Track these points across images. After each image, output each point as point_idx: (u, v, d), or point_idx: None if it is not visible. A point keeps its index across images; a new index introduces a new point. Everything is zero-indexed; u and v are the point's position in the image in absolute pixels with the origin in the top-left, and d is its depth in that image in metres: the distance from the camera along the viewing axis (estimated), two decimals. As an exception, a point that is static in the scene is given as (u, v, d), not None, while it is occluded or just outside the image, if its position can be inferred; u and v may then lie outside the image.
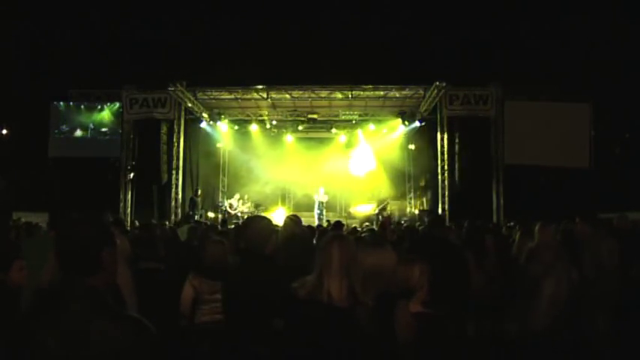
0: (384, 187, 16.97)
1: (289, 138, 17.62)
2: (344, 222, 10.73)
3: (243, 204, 16.58)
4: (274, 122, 16.94)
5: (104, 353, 1.52)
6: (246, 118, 16.97)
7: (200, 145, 17.11)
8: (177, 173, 14.80)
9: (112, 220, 7.14)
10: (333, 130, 17.29)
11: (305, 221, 7.16)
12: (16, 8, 15.86)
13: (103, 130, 15.19)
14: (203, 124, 16.15)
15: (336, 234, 2.83)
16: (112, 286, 1.77)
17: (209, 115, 16.06)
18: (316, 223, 13.93)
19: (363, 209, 16.12)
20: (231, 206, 16.57)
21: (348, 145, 17.65)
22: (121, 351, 1.53)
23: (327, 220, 13.79)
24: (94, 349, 1.52)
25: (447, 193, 14.23)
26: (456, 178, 14.83)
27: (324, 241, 2.61)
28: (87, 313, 1.56)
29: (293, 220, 4.91)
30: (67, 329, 1.53)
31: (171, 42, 16.64)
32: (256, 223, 3.27)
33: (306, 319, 2.41)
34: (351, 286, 2.44)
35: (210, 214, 16.68)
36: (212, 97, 15.41)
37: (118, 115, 14.96)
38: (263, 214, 14.33)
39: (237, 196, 16.82)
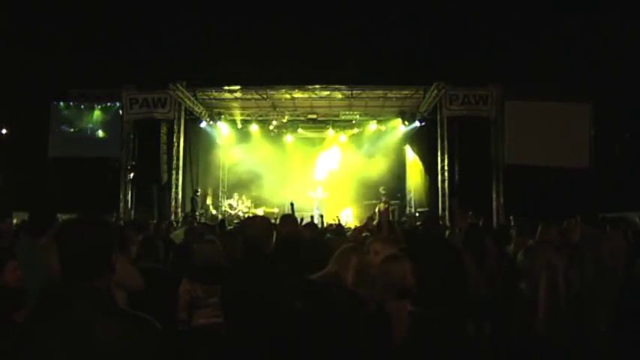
0: (383, 188, 16.95)
1: (289, 138, 17.61)
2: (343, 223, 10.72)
3: (242, 204, 16.58)
4: (274, 122, 16.94)
5: (110, 354, 1.52)
6: (246, 118, 16.97)
7: (200, 145, 17.10)
8: (177, 173, 14.78)
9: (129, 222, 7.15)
10: (333, 130, 17.30)
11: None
12: (16, 8, 15.86)
13: (103, 130, 15.16)
14: (203, 124, 16.14)
15: (353, 247, 2.98)
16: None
17: (209, 115, 16.05)
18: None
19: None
20: (231, 207, 16.57)
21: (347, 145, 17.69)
22: (126, 350, 1.53)
23: (321, 215, 13.78)
24: (99, 351, 1.51)
25: (447, 193, 14.22)
26: (456, 179, 14.82)
27: (343, 249, 2.79)
28: (92, 316, 1.55)
29: (289, 220, 4.74)
30: (71, 332, 1.52)
31: (172, 42, 16.63)
32: (255, 223, 3.25)
33: (323, 300, 2.56)
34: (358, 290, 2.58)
35: (213, 212, 16.71)
36: (212, 97, 15.40)
37: (117, 115, 14.94)
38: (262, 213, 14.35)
39: (236, 196, 16.82)
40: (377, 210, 14.79)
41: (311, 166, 17.80)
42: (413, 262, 2.77)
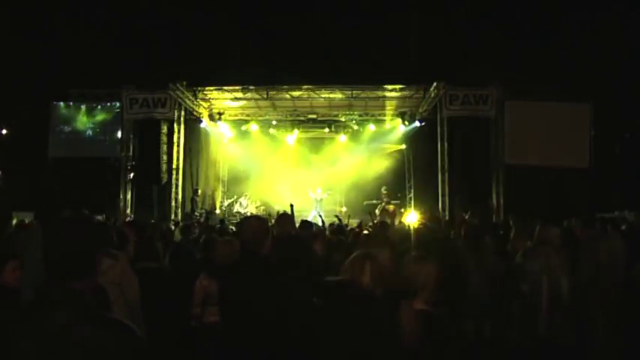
0: (385, 187, 16.95)
1: (289, 138, 17.62)
2: (345, 222, 10.70)
3: (252, 204, 16.67)
4: (274, 122, 16.95)
5: (84, 358, 1.49)
6: (246, 118, 16.97)
7: (200, 145, 17.10)
8: (177, 173, 14.76)
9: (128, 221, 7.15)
10: (333, 130, 17.29)
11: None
12: (16, 8, 15.86)
13: (103, 130, 15.15)
14: (203, 124, 16.15)
15: (366, 253, 2.97)
16: (97, 287, 1.73)
17: (209, 115, 16.05)
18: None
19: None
20: (240, 205, 16.64)
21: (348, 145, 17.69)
22: (104, 356, 1.50)
23: (320, 215, 13.77)
24: (73, 354, 1.48)
25: (447, 193, 14.21)
26: (456, 179, 14.81)
27: (357, 257, 2.77)
28: (69, 319, 1.51)
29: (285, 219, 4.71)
30: (48, 337, 1.49)
31: (172, 42, 16.64)
32: (251, 223, 3.25)
33: (340, 298, 2.54)
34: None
35: (217, 211, 16.76)
36: (212, 97, 15.41)
37: (117, 115, 14.93)
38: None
39: (244, 195, 16.89)
40: (377, 211, 14.79)
41: (311, 166, 17.81)
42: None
